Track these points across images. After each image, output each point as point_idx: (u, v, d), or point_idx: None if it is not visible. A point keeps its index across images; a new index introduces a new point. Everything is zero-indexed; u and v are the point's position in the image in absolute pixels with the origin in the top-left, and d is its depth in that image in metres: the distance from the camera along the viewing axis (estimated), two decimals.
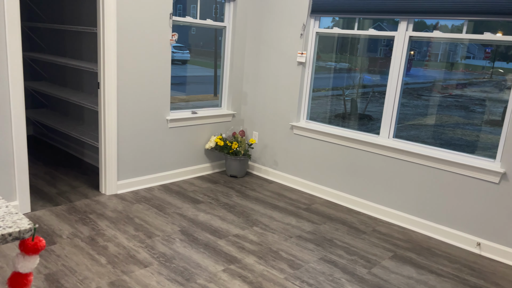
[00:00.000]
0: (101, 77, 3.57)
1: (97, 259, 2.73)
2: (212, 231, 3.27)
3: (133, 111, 3.83)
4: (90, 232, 3.07)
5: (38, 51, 5.32)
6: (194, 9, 4.42)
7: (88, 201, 3.64)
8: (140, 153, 3.98)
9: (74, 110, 4.85)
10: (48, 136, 5.36)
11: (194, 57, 4.85)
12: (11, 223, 1.09)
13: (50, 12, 4.98)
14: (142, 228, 3.22)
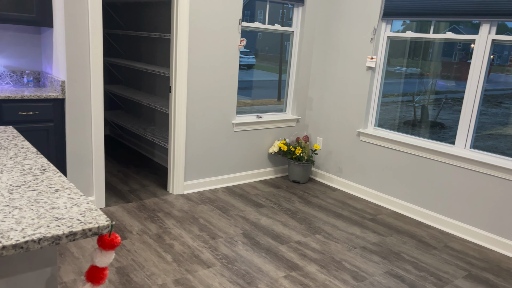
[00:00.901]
0: (173, 81, 3.72)
1: (163, 256, 2.84)
2: (274, 236, 3.26)
3: (201, 114, 3.94)
4: (157, 230, 3.20)
5: (116, 56, 5.68)
6: (261, 14, 4.46)
7: (156, 199, 3.80)
8: (206, 155, 4.09)
9: (147, 112, 5.10)
10: (122, 136, 5.70)
11: (259, 62, 4.89)
12: (91, 219, 1.16)
13: (128, 20, 5.30)
14: (206, 228, 3.29)
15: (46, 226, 1.09)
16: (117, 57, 5.65)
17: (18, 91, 3.20)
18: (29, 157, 1.65)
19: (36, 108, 3.15)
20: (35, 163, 1.58)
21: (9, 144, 1.79)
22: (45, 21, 3.28)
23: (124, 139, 5.66)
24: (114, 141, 5.69)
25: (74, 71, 3.18)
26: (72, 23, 3.08)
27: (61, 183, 1.41)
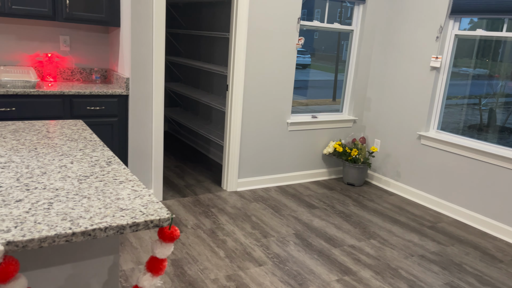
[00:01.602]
0: (230, 80, 3.77)
1: (216, 251, 2.89)
2: (326, 238, 3.20)
3: (257, 113, 3.96)
4: (211, 225, 3.26)
5: (177, 55, 5.87)
6: (319, 13, 4.40)
7: (211, 195, 3.87)
8: (260, 154, 4.10)
9: (204, 110, 5.22)
10: (179, 132, 5.88)
11: (314, 62, 4.83)
12: (153, 211, 1.20)
13: (189, 19, 5.46)
14: (258, 226, 3.31)
15: (111, 215, 1.14)
16: (177, 55, 5.83)
17: (87, 87, 3.40)
18: (97, 150, 1.74)
19: (102, 104, 3.32)
20: (102, 155, 1.66)
21: (78, 137, 1.90)
22: (113, 21, 3.45)
23: (181, 135, 5.84)
24: (172, 137, 5.89)
25: (138, 69, 3.32)
26: (137, 23, 3.22)
27: (125, 175, 1.47)
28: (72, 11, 3.28)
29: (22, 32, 3.46)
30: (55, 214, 1.11)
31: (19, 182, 1.31)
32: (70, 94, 3.19)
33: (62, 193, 1.26)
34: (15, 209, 1.12)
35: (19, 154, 1.58)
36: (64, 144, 1.77)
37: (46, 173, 1.41)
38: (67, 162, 1.54)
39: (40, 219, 1.08)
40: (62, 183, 1.33)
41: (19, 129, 1.94)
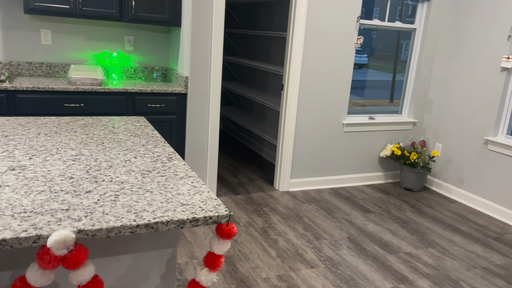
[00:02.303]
0: (286, 79, 3.76)
1: (268, 250, 2.89)
2: (381, 244, 3.10)
3: (312, 113, 3.92)
4: (263, 224, 3.27)
5: (233, 54, 5.95)
6: (377, 12, 4.27)
7: (263, 194, 3.89)
8: (314, 155, 4.05)
9: (258, 109, 5.26)
10: (233, 131, 5.96)
11: (371, 61, 4.69)
12: (212, 207, 1.22)
13: (246, 19, 5.51)
14: (310, 228, 3.27)
15: (173, 210, 1.17)
16: (233, 55, 5.91)
17: (148, 85, 3.54)
18: (158, 145, 1.80)
19: (162, 101, 3.44)
20: (163, 151, 1.72)
21: (141, 133, 1.98)
22: (174, 21, 3.57)
23: (235, 134, 5.91)
24: (226, 135, 5.98)
25: (197, 68, 3.40)
26: (198, 23, 3.30)
27: (185, 171, 1.51)
28: (137, 12, 3.43)
29: (91, 33, 3.68)
30: (121, 206, 1.16)
31: (89, 174, 1.38)
32: (133, 92, 3.34)
33: (127, 186, 1.31)
34: (85, 200, 1.19)
35: (88, 148, 1.67)
36: (128, 139, 1.85)
37: (112, 167, 1.48)
38: (131, 156, 1.61)
39: (107, 210, 1.13)
40: (127, 177, 1.39)
41: (88, 124, 2.06)
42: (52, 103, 3.10)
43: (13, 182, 1.26)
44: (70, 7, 3.22)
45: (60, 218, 1.06)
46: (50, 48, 3.57)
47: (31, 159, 1.48)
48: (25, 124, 1.94)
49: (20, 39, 3.46)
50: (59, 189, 1.24)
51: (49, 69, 3.60)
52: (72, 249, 0.99)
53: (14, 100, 3.01)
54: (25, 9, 3.12)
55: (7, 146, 1.60)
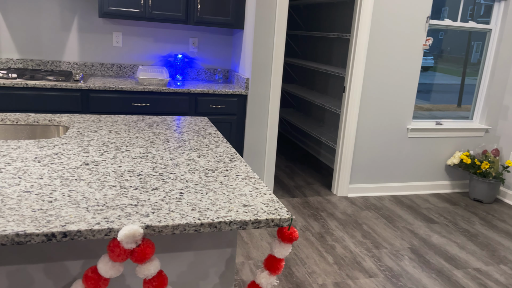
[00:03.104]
0: (348, 82, 3.67)
1: (324, 256, 2.83)
2: (447, 257, 2.92)
3: (374, 117, 3.79)
4: (320, 229, 3.22)
5: (293, 56, 5.93)
6: (446, 11, 4.04)
7: (320, 198, 3.82)
8: (375, 160, 3.92)
9: (317, 112, 5.18)
10: (291, 133, 5.93)
11: (437, 63, 4.45)
12: (274, 210, 1.21)
13: (307, 21, 5.47)
14: (369, 236, 3.16)
15: (235, 210, 1.18)
16: (293, 57, 5.89)
17: (211, 86, 3.62)
18: (220, 146, 1.82)
19: (223, 102, 3.50)
20: (225, 152, 1.74)
21: (204, 133, 2.02)
22: (238, 23, 3.62)
23: (292, 136, 5.88)
24: (283, 137, 5.97)
25: (258, 69, 3.42)
26: (260, 25, 3.32)
27: (247, 172, 1.51)
28: (202, 14, 3.52)
29: (158, 35, 3.83)
30: (185, 204, 1.19)
31: (155, 172, 1.43)
32: (195, 93, 3.43)
33: (191, 185, 1.34)
34: (152, 196, 1.22)
35: (155, 146, 1.73)
36: (192, 139, 1.89)
37: (177, 165, 1.52)
38: (195, 156, 1.65)
39: (173, 207, 1.16)
40: (191, 175, 1.42)
41: (154, 123, 2.13)
42: (121, 102, 3.27)
43: (87, 176, 1.33)
44: (140, 10, 3.38)
45: (130, 213, 1.10)
46: (121, 50, 3.77)
47: (103, 155, 1.56)
48: (97, 121, 2.06)
49: (94, 42, 3.68)
50: (128, 184, 1.30)
51: (119, 70, 3.80)
52: (140, 243, 1.02)
53: (88, 98, 3.21)
54: (99, 13, 3.32)
55: (82, 142, 1.70)
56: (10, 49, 3.51)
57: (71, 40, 3.62)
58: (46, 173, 1.33)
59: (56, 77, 3.16)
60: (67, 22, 3.58)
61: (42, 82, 3.07)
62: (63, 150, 1.57)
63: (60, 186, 1.23)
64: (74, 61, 3.67)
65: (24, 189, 1.19)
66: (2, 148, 1.53)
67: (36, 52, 3.57)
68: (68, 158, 1.49)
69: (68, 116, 2.09)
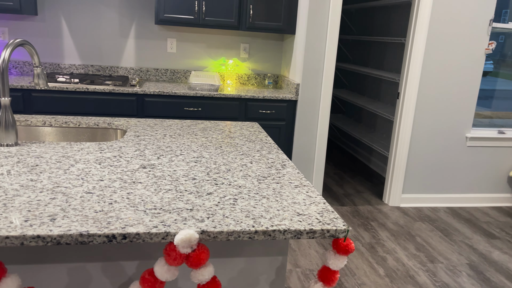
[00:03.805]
0: (402, 88, 3.54)
1: (375, 268, 2.73)
2: (509, 276, 2.72)
3: (430, 125, 3.63)
4: (370, 239, 3.11)
5: (344, 61, 5.82)
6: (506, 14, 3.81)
7: (370, 207, 3.71)
8: (431, 169, 3.74)
9: (368, 118, 5.05)
10: (340, 139, 5.82)
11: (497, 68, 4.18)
12: (329, 220, 1.17)
13: (360, 25, 5.35)
14: (423, 249, 3.01)
15: (289, 219, 1.16)
16: (344, 61, 5.79)
17: (260, 91, 3.63)
18: (272, 152, 1.81)
19: (273, 108, 3.50)
20: (277, 158, 1.72)
21: (255, 138, 2.02)
22: (289, 29, 3.61)
23: (341, 142, 5.77)
24: (332, 143, 5.87)
25: (308, 75, 3.39)
26: (312, 30, 3.29)
27: (299, 179, 1.49)
28: (254, 20, 3.54)
29: (210, 41, 3.90)
30: (239, 210, 1.18)
31: (209, 176, 1.44)
32: (246, 98, 3.45)
33: (244, 191, 1.33)
34: (207, 201, 1.23)
35: (208, 151, 1.75)
36: (243, 144, 1.90)
37: (230, 170, 1.52)
38: (247, 161, 1.65)
39: (227, 213, 1.16)
40: (244, 181, 1.42)
41: (207, 128, 2.16)
42: (174, 106, 3.36)
43: (145, 180, 1.37)
44: (194, 17, 3.46)
45: (185, 217, 1.11)
46: (174, 55, 3.88)
47: (159, 158, 1.60)
48: (153, 125, 2.12)
49: (149, 48, 3.82)
50: (184, 189, 1.31)
51: (172, 75, 3.91)
52: (195, 248, 1.02)
53: (143, 103, 3.33)
54: (156, 20, 3.43)
55: (139, 145, 1.75)
56: (73, 55, 3.72)
57: (128, 46, 3.78)
58: (106, 175, 1.38)
59: (114, 82, 3.30)
60: (125, 29, 3.74)
61: (101, 87, 3.22)
62: (121, 153, 1.63)
63: (119, 189, 1.27)
64: (131, 67, 3.82)
65: (87, 190, 1.24)
66: (66, 149, 1.61)
67: (96, 58, 3.76)
68: (126, 161, 1.54)
69: (125, 119, 2.17)
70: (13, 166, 1.40)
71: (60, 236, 0.98)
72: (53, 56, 3.69)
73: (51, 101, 3.18)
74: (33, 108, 3.18)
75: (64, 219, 1.05)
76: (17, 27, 3.57)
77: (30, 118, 2.03)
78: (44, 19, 3.60)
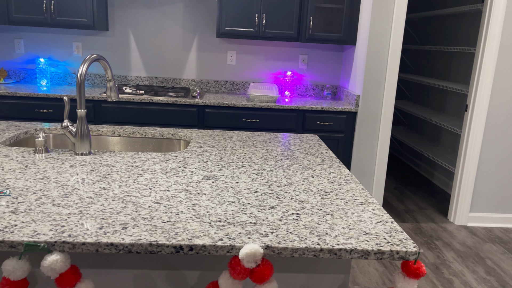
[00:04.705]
0: (471, 99, 3.34)
1: None
2: None
3: (502, 139, 3.38)
4: (435, 260, 2.94)
5: (405, 71, 5.62)
6: None
7: (434, 226, 3.51)
8: (502, 187, 3.48)
9: (431, 131, 4.82)
10: (401, 152, 5.59)
11: None
12: (398, 241, 1.12)
13: (423, 34, 5.15)
14: (494, 273, 2.79)
15: (356, 238, 1.12)
16: (406, 72, 5.58)
17: (318, 103, 3.59)
18: (333, 166, 1.77)
19: (331, 119, 3.44)
20: (339, 172, 1.68)
21: (316, 151, 1.99)
22: (350, 39, 3.55)
23: (402, 155, 5.54)
24: (392, 156, 5.66)
25: (369, 86, 3.30)
26: (374, 40, 3.21)
27: (364, 196, 1.44)
28: (314, 32, 3.53)
29: (269, 53, 3.94)
30: (303, 226, 1.16)
31: (271, 190, 1.44)
32: (304, 109, 3.43)
33: (307, 206, 1.31)
34: (270, 215, 1.22)
35: (268, 163, 1.75)
36: (304, 157, 1.87)
37: (292, 184, 1.50)
38: (308, 175, 1.62)
39: (291, 228, 1.14)
40: (306, 196, 1.40)
41: (266, 139, 2.17)
42: (232, 117, 3.41)
43: (209, 191, 1.39)
44: (254, 30, 3.51)
45: (249, 231, 1.11)
46: (234, 67, 3.95)
47: (221, 170, 1.62)
48: (214, 137, 2.16)
49: (210, 60, 3.92)
50: (246, 201, 1.32)
51: (231, 87, 3.98)
52: (259, 263, 1.02)
53: (203, 113, 3.41)
54: (217, 33, 3.52)
55: (202, 156, 1.79)
56: (138, 68, 3.91)
57: (190, 59, 3.91)
58: (172, 185, 1.42)
59: (177, 93, 3.42)
60: (187, 42, 3.88)
61: (164, 98, 3.35)
62: (186, 163, 1.67)
63: (185, 199, 1.30)
64: (192, 78, 3.95)
65: (154, 200, 1.29)
66: (135, 159, 1.69)
67: (160, 70, 3.93)
68: (190, 171, 1.58)
69: (188, 131, 2.24)
70: (87, 175, 1.48)
71: (132, 245, 1.02)
72: (120, 69, 3.90)
73: (119, 111, 3.36)
74: (103, 117, 3.38)
75: (134, 228, 1.09)
76: (89, 41, 3.83)
77: (101, 128, 2.15)
78: (114, 34, 3.82)
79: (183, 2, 3.79)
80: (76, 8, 3.40)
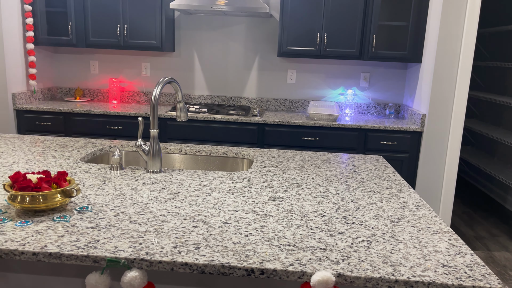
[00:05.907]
0: None
1: None
2: None
3: None
4: None
5: (474, 89, 5.33)
6: None
7: (508, 255, 3.25)
8: None
9: (503, 152, 4.50)
10: (469, 174, 5.27)
11: None
12: (480, 275, 1.04)
13: (494, 50, 4.87)
14: None
15: (433, 270, 1.06)
16: (474, 89, 5.29)
17: (381, 122, 3.49)
18: (402, 190, 1.70)
19: (395, 139, 3.33)
20: (409, 197, 1.62)
21: (382, 174, 1.93)
22: (414, 57, 3.44)
23: (470, 177, 5.22)
24: (459, 178, 5.35)
25: (436, 105, 3.17)
26: (442, 58, 3.08)
27: (438, 224, 1.37)
28: (377, 50, 3.46)
29: (329, 71, 3.91)
30: (375, 255, 1.13)
31: (338, 214, 1.41)
32: (365, 128, 3.35)
33: (377, 233, 1.27)
34: (340, 241, 1.20)
35: (334, 186, 1.72)
36: (370, 180, 1.82)
37: (360, 209, 1.47)
38: (376, 200, 1.57)
39: (362, 256, 1.11)
40: (376, 222, 1.35)
41: (329, 160, 2.14)
42: (292, 136, 3.41)
43: (275, 213, 1.39)
44: (315, 49, 3.51)
45: (320, 257, 1.10)
46: (294, 86, 3.97)
47: (286, 191, 1.62)
48: (277, 156, 2.17)
49: (270, 79, 3.97)
50: (314, 225, 1.30)
51: (291, 105, 3.99)
52: None
53: (263, 132, 3.45)
54: (278, 53, 3.57)
55: (266, 176, 1.80)
56: (202, 87, 4.05)
57: (251, 78, 3.98)
58: (239, 205, 1.44)
59: (237, 112, 3.49)
60: (249, 61, 3.96)
61: (226, 116, 3.43)
62: (251, 183, 1.69)
63: (253, 221, 1.31)
64: (252, 97, 4.02)
65: (224, 220, 1.31)
66: (202, 178, 1.73)
67: (222, 89, 4.04)
68: (256, 192, 1.59)
69: (251, 149, 2.27)
70: (159, 192, 1.54)
71: (205, 266, 1.04)
72: (185, 88, 4.06)
73: (183, 128, 3.49)
74: (168, 135, 3.52)
75: (206, 248, 1.12)
76: (156, 62, 4.04)
77: (169, 146, 2.24)
78: (180, 55, 4.00)
79: (245, 23, 3.89)
80: (147, 31, 3.61)
